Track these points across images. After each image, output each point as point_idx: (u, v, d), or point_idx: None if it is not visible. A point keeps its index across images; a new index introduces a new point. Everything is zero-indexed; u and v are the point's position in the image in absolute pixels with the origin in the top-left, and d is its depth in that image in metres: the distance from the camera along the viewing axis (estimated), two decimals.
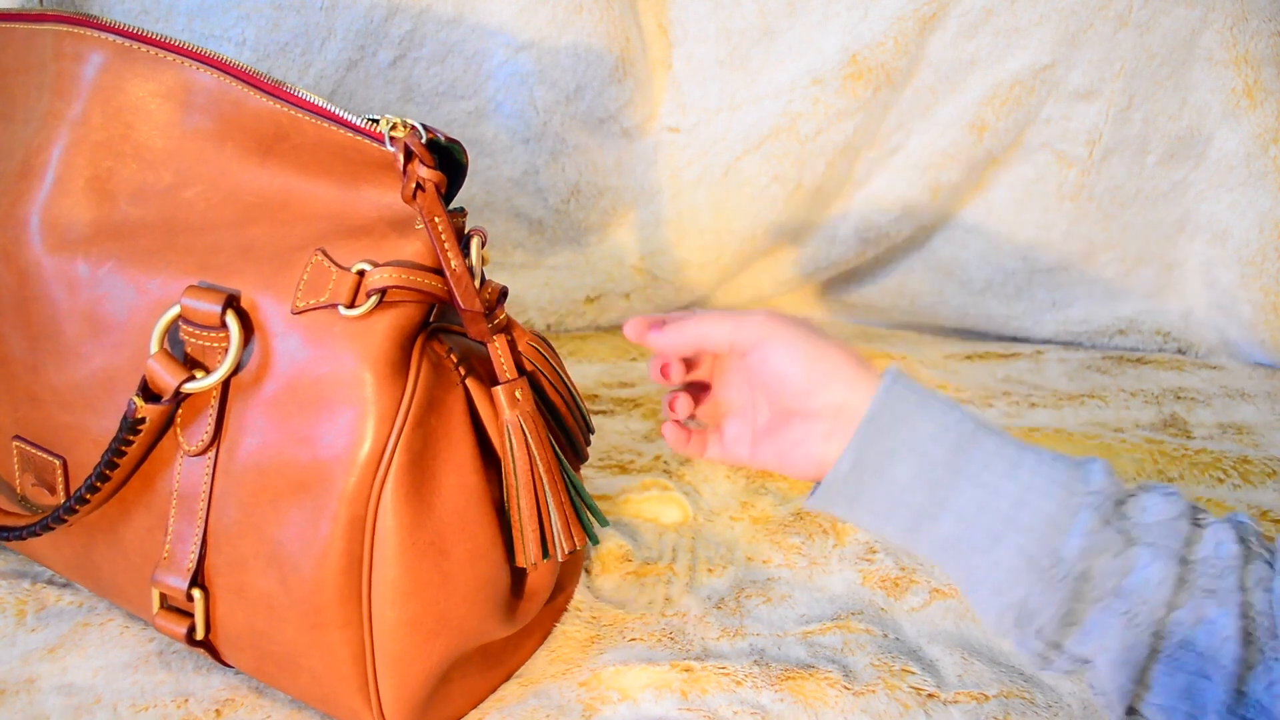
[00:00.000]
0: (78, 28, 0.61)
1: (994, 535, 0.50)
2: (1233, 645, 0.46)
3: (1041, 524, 0.49)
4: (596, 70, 0.93)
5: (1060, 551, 0.48)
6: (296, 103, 0.57)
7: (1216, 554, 0.47)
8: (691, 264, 1.03)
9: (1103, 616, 0.48)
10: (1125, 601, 0.48)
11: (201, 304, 0.55)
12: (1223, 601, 0.47)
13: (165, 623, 0.59)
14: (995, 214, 1.02)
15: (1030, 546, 0.49)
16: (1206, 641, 0.47)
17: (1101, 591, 0.48)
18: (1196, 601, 0.47)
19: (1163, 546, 0.48)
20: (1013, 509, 0.50)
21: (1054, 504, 0.49)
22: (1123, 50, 0.94)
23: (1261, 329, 1.00)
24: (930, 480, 0.51)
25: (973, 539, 0.51)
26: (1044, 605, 0.49)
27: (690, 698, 0.61)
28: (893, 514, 0.53)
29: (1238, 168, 0.97)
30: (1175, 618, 0.47)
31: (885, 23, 0.94)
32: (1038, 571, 0.49)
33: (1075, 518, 0.48)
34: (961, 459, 0.51)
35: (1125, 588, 0.48)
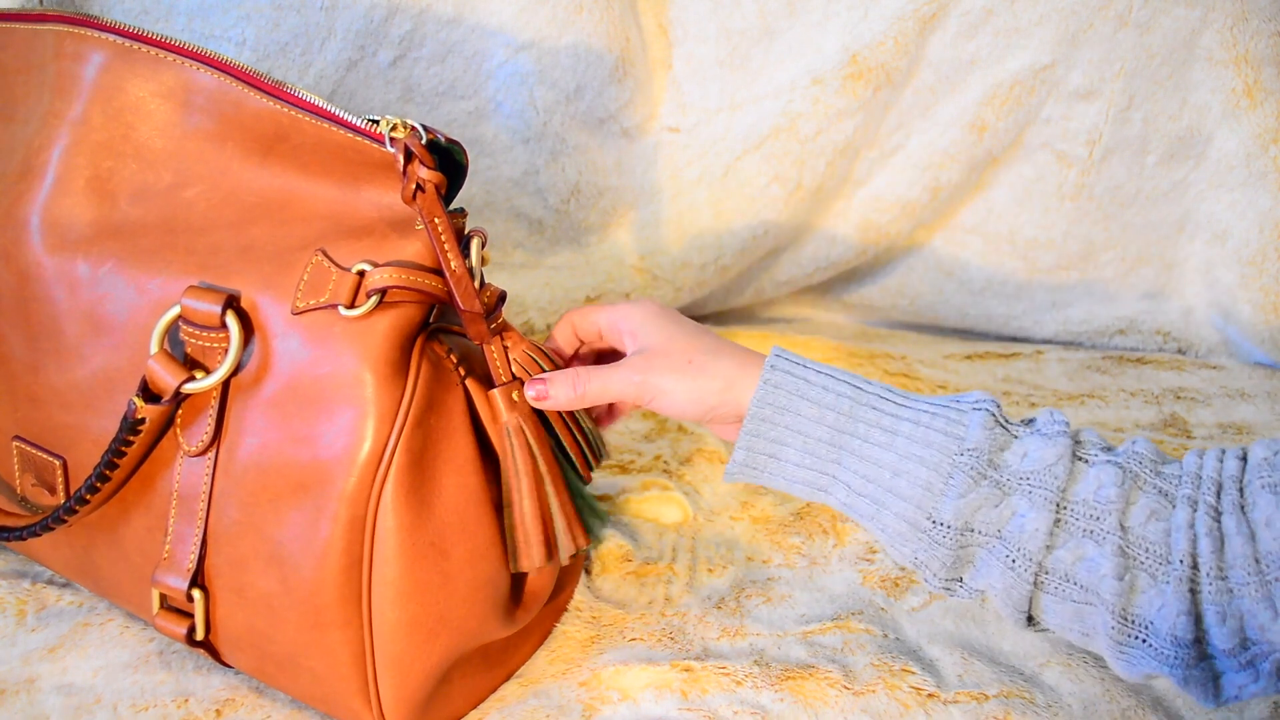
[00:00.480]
0: (78, 28, 0.61)
1: (877, 503, 0.55)
2: (1110, 580, 0.50)
3: (919, 490, 0.53)
4: (596, 70, 0.93)
5: (937, 514, 0.53)
6: (296, 103, 0.57)
7: (1096, 497, 0.51)
8: (691, 264, 1.03)
9: (987, 558, 0.53)
10: (1006, 546, 0.52)
11: (201, 304, 0.55)
12: (1100, 541, 0.50)
13: (165, 623, 0.59)
14: (995, 214, 1.02)
15: (908, 512, 0.54)
16: (1086, 577, 0.51)
17: (986, 537, 0.53)
18: (1076, 541, 0.51)
19: (1038, 494, 0.51)
20: (891, 478, 0.54)
21: (928, 469, 0.53)
22: (1123, 50, 0.94)
23: (1261, 329, 1.00)
24: (816, 458, 0.56)
25: (860, 508, 0.56)
26: (931, 559, 0.54)
27: (690, 697, 0.61)
28: (793, 488, 0.58)
29: (1238, 168, 0.97)
30: (1055, 557, 0.51)
31: (885, 23, 0.94)
32: (920, 532, 0.53)
33: (949, 480, 0.53)
34: (842, 436, 0.56)
35: (1006, 533, 0.52)
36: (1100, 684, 0.63)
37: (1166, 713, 0.62)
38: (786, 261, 1.06)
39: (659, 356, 0.59)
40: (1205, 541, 0.49)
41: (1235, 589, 0.48)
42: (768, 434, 0.57)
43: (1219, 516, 0.50)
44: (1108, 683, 0.63)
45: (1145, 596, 0.50)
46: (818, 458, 0.56)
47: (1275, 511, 0.48)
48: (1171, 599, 0.49)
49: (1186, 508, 0.50)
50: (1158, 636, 0.49)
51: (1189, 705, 0.62)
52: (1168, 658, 0.49)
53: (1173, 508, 0.50)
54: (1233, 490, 0.50)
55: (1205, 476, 0.51)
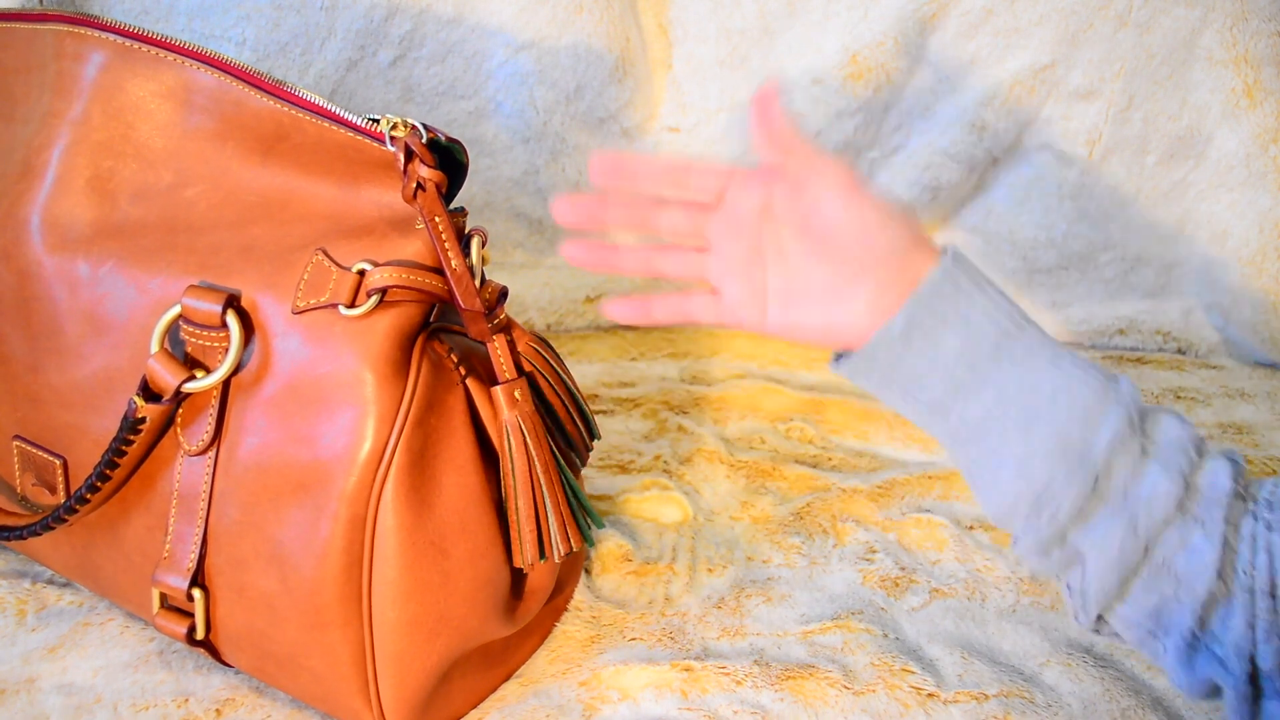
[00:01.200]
0: (79, 27, 0.61)
1: (1032, 415, 0.51)
2: (1209, 574, 0.48)
3: (1080, 412, 0.50)
4: (596, 70, 0.93)
5: (1091, 441, 0.50)
6: (297, 102, 0.57)
7: (1212, 486, 0.49)
8: None
9: (1109, 517, 0.50)
10: (1131, 508, 0.49)
11: (202, 304, 0.55)
12: (1209, 532, 0.49)
13: (165, 622, 0.59)
14: (995, 214, 1.02)
15: (1068, 430, 0.50)
16: (1185, 566, 0.49)
17: (1113, 493, 0.50)
18: (1187, 526, 0.49)
19: (1173, 465, 0.49)
20: (1053, 394, 0.51)
21: (1091, 397, 0.50)
22: (1123, 50, 0.94)
23: (1261, 329, 1.00)
24: (977, 354, 0.52)
25: (1010, 417, 0.51)
26: (1065, 491, 0.50)
27: (690, 697, 0.61)
28: (927, 385, 0.53)
29: (1237, 168, 0.97)
30: (1166, 535, 0.49)
31: (885, 23, 0.94)
32: (1069, 457, 0.50)
33: (1107, 414, 0.50)
34: (1009, 340, 0.52)
35: (1134, 495, 0.49)
36: (1100, 684, 0.63)
37: (1166, 712, 0.62)
38: None
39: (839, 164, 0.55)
40: (1262, 556, 0.48)
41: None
42: (937, 308, 0.52)
43: (1271, 531, 0.48)
44: (1108, 682, 0.63)
45: (1219, 605, 0.48)
46: (978, 354, 0.52)
47: None
48: (1239, 609, 0.48)
49: (1251, 520, 0.49)
50: (1222, 645, 0.48)
51: (1189, 705, 0.62)
52: (1232, 668, 0.48)
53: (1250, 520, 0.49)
54: None
55: (1266, 497, 0.50)
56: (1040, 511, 0.51)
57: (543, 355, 0.59)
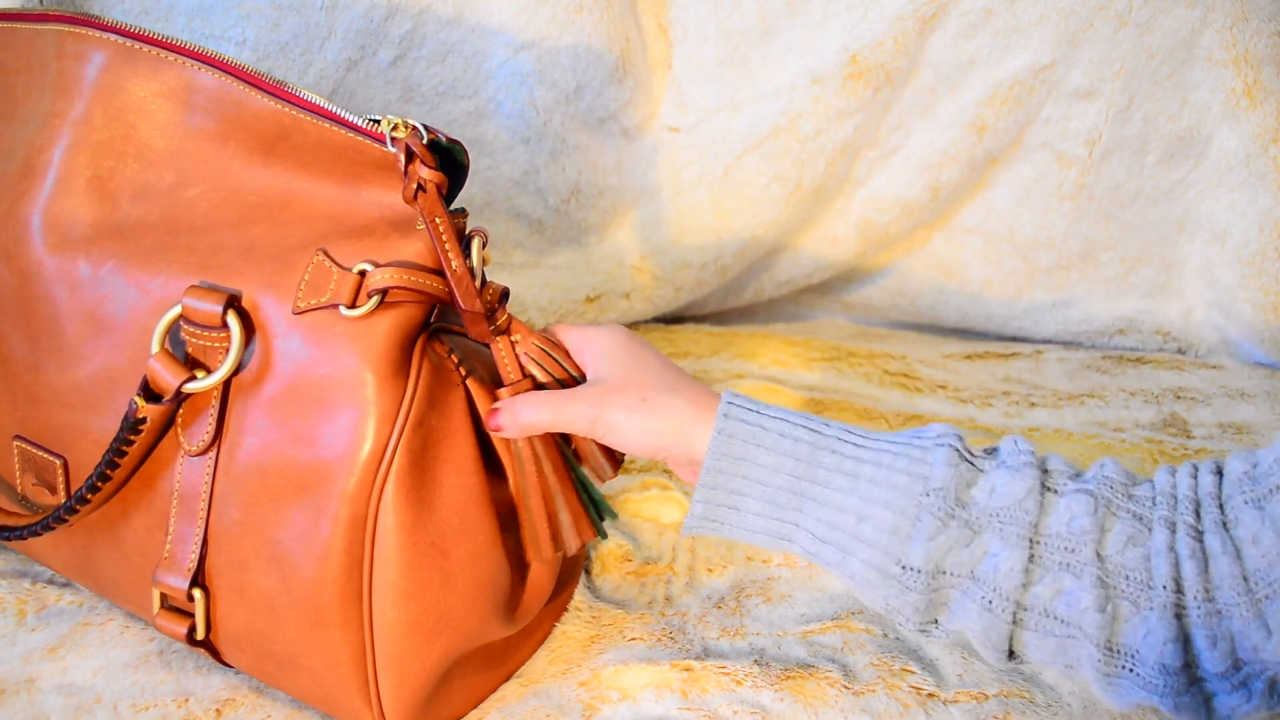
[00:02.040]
0: (80, 28, 0.61)
1: (843, 550, 0.52)
2: (1092, 613, 0.48)
3: (885, 536, 0.51)
4: (596, 70, 0.93)
5: (906, 559, 0.51)
6: (298, 103, 0.57)
7: (1069, 529, 0.49)
8: (691, 264, 1.03)
9: (963, 600, 0.51)
10: (981, 587, 0.50)
11: (203, 304, 0.55)
12: (1078, 574, 0.49)
13: (166, 623, 0.59)
14: (995, 214, 1.02)
15: (876, 559, 0.51)
16: (1067, 611, 0.49)
17: (959, 578, 0.51)
18: (1053, 576, 0.49)
19: (1010, 531, 0.50)
20: (856, 524, 0.52)
21: (894, 513, 0.51)
22: (1123, 50, 0.94)
23: (1261, 329, 1.00)
24: (778, 507, 0.54)
25: (826, 556, 0.53)
26: (903, 604, 0.51)
27: (690, 697, 0.61)
28: (754, 538, 0.55)
29: (1238, 168, 0.97)
30: (1033, 594, 0.50)
31: (885, 23, 0.94)
32: (889, 579, 0.51)
33: (916, 524, 0.50)
34: (803, 484, 0.53)
35: (980, 574, 0.50)
36: None
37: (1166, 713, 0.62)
38: (786, 261, 1.06)
39: (613, 391, 0.56)
40: (1189, 564, 0.47)
41: (1224, 610, 0.47)
42: (726, 484, 0.54)
43: (1201, 536, 0.48)
44: None
45: (1129, 625, 0.48)
46: (779, 505, 0.54)
47: (1261, 527, 0.47)
48: (1157, 626, 0.47)
49: (1164, 530, 0.48)
50: (1145, 665, 0.48)
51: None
52: (1156, 686, 0.48)
53: (1149, 532, 0.49)
54: (1212, 508, 0.49)
55: (1181, 496, 0.49)
56: (896, 616, 0.52)
57: (549, 354, 0.58)
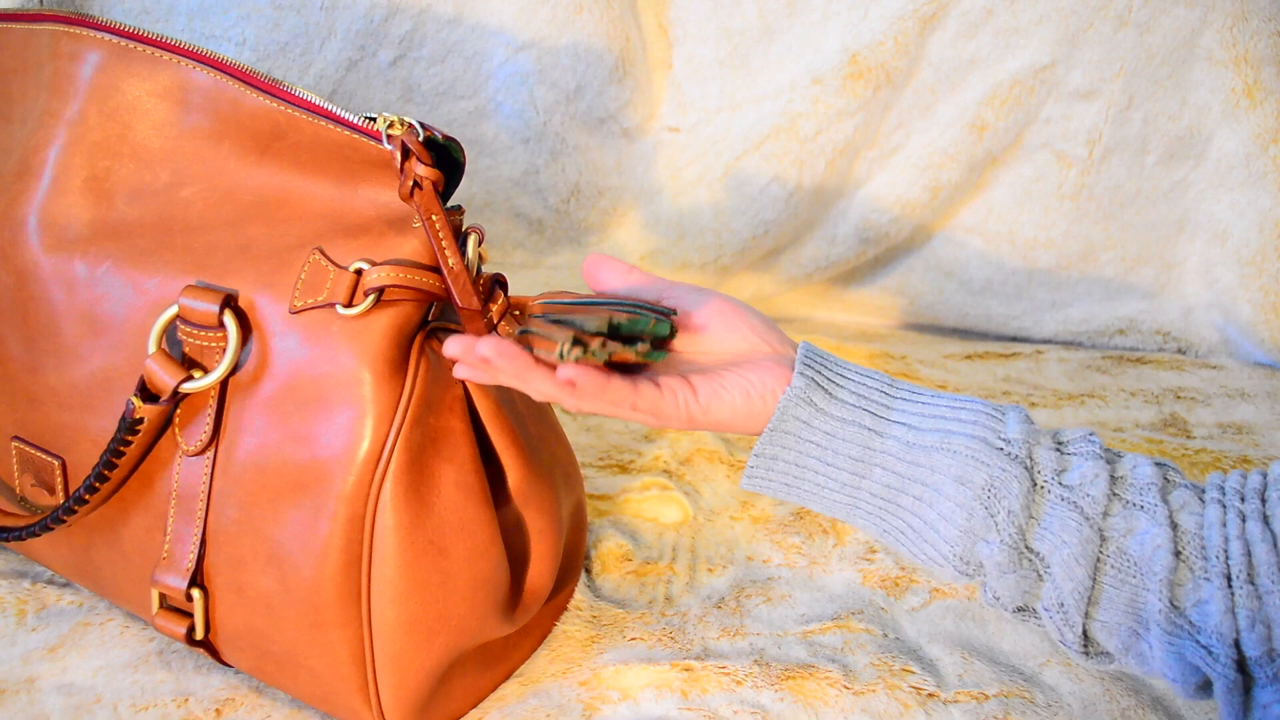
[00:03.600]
0: (75, 27, 0.61)
1: (943, 432, 0.51)
2: (1164, 554, 0.48)
3: (983, 418, 0.52)
4: (596, 70, 0.93)
5: (1005, 433, 0.51)
6: (294, 101, 0.57)
7: (1134, 474, 0.50)
8: (691, 264, 1.03)
9: (1055, 508, 0.50)
10: (1071, 494, 0.50)
11: (199, 303, 0.55)
12: (1151, 514, 0.49)
13: (165, 623, 0.59)
14: (995, 214, 1.02)
15: (979, 431, 0.51)
16: (1139, 551, 0.49)
17: (1047, 481, 0.50)
18: (1128, 512, 0.49)
19: (1090, 454, 0.50)
20: (952, 412, 0.52)
21: (985, 409, 0.52)
22: (1123, 50, 0.94)
23: (1261, 329, 1.00)
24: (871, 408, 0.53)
25: (925, 440, 0.51)
26: (1007, 481, 0.50)
27: (690, 697, 0.61)
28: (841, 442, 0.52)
29: (1238, 168, 0.97)
30: (1110, 524, 0.49)
31: (885, 23, 0.94)
32: (993, 449, 0.51)
33: (1005, 417, 0.52)
34: (892, 392, 0.53)
35: (1068, 482, 0.50)
36: (1100, 684, 0.63)
37: (1166, 713, 0.61)
38: (786, 261, 1.06)
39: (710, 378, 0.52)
40: (1236, 544, 0.48)
41: (1263, 596, 0.47)
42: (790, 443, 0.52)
43: (1244, 520, 0.49)
44: (1108, 682, 0.63)
45: (1185, 590, 0.48)
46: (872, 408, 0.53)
47: None
48: (1215, 595, 0.47)
49: (1216, 506, 0.49)
50: (1204, 633, 0.48)
51: (1188, 705, 0.62)
52: (1217, 656, 0.47)
53: (1203, 505, 0.49)
54: (1255, 500, 0.49)
55: (1229, 486, 0.50)
56: (996, 510, 0.50)
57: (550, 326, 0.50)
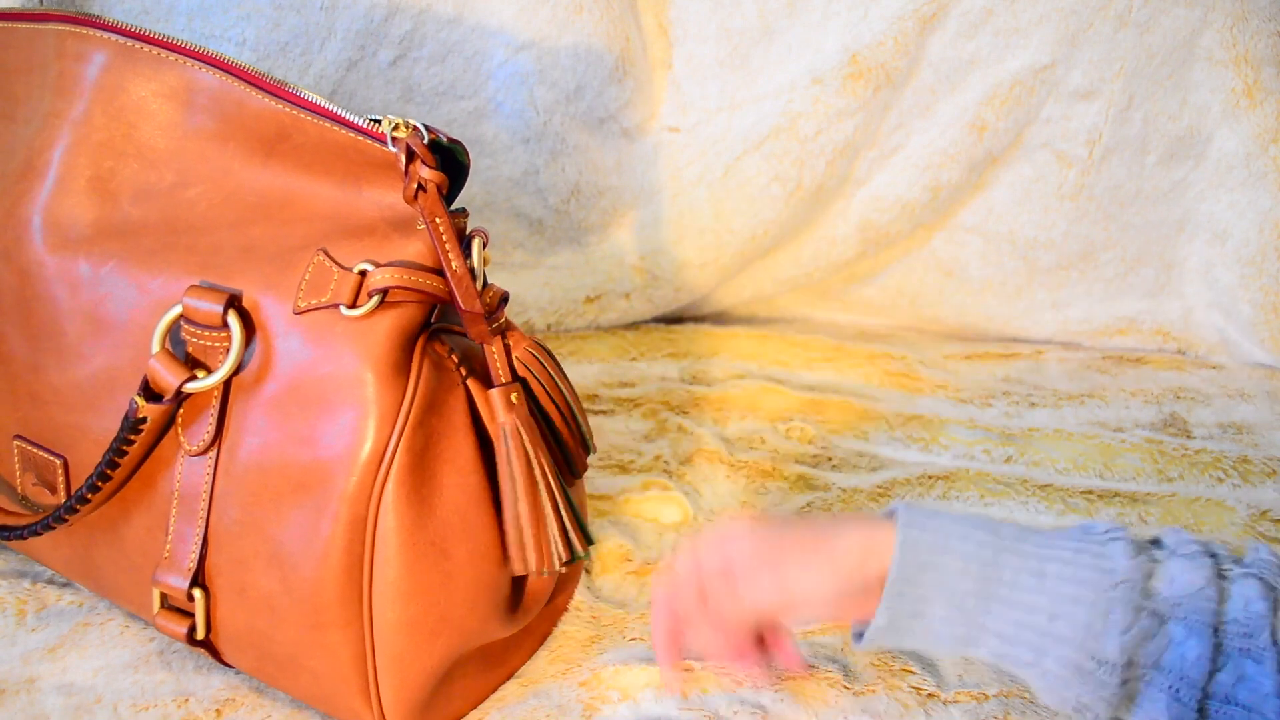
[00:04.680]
0: (80, 27, 0.61)
1: (1037, 650, 0.52)
2: (1274, 699, 0.48)
3: (1079, 632, 0.51)
4: (596, 70, 0.93)
5: (1101, 654, 0.50)
6: (298, 103, 0.57)
7: (1246, 613, 0.50)
8: (691, 264, 1.03)
9: (1149, 691, 0.50)
10: (1167, 677, 0.50)
11: (203, 304, 0.55)
12: (1259, 659, 0.49)
13: (166, 623, 0.59)
14: (995, 214, 1.02)
15: (1071, 656, 0.51)
16: (1249, 697, 0.49)
17: (1147, 669, 0.50)
18: (1234, 662, 0.49)
19: (1195, 620, 0.50)
20: (1048, 622, 0.51)
21: (1086, 608, 0.51)
22: (1123, 50, 0.94)
23: (1261, 329, 1.00)
24: (964, 611, 0.53)
25: (1017, 655, 0.52)
26: (1096, 700, 0.51)
27: (690, 697, 0.61)
28: (940, 645, 0.54)
29: (1238, 168, 0.97)
30: (1217, 680, 0.50)
31: (885, 23, 0.94)
32: (1084, 675, 0.51)
33: (1109, 618, 0.50)
34: (990, 586, 0.52)
35: (1165, 663, 0.50)
36: None
37: None
38: (786, 261, 1.06)
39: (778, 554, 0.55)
40: None
41: None
42: (911, 593, 0.53)
43: None
44: None
45: None
46: (965, 610, 0.52)
47: None
48: None
49: None
50: None
51: None
52: None
53: None
54: None
55: None
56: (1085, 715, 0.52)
57: (539, 361, 0.58)
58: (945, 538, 0.53)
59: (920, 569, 0.53)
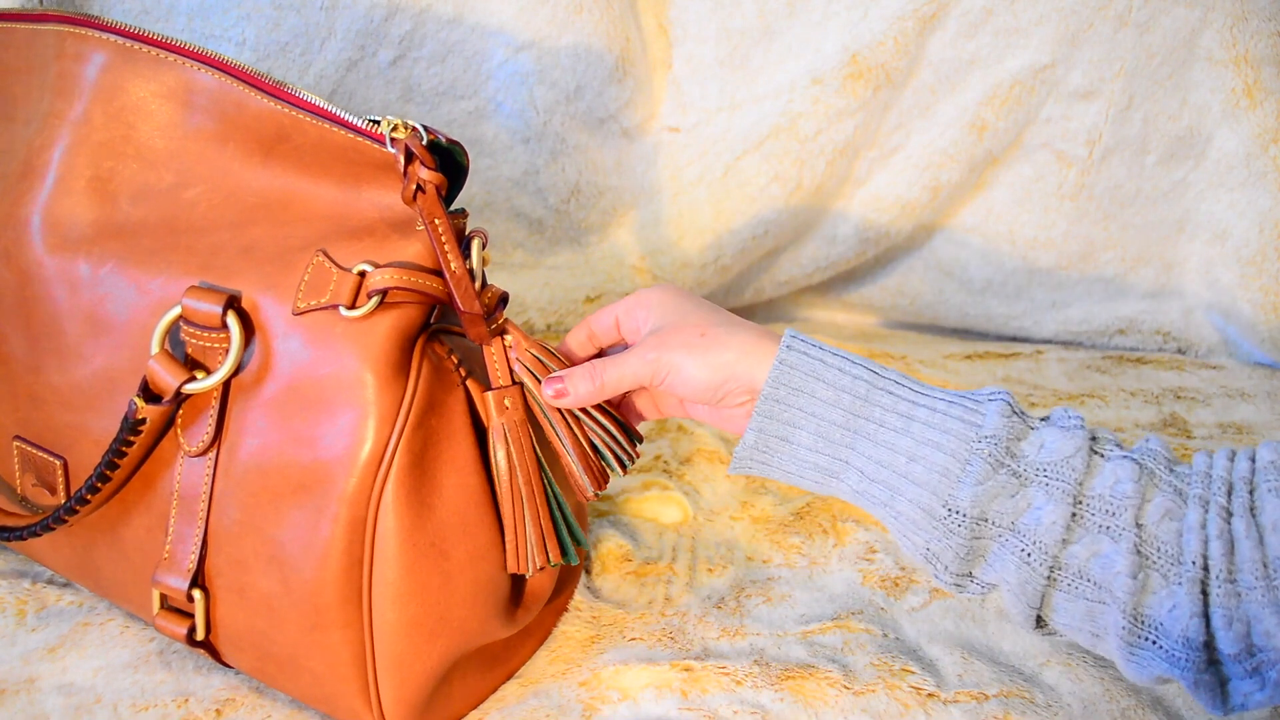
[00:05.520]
0: (80, 28, 0.61)
1: (891, 489, 0.53)
2: (1123, 578, 0.49)
3: (935, 476, 0.52)
4: (596, 70, 0.93)
5: (953, 502, 0.51)
6: (298, 103, 0.57)
7: (1112, 492, 0.50)
8: (691, 264, 1.03)
9: (1000, 551, 0.52)
10: (1020, 539, 0.51)
11: (202, 304, 0.55)
12: (1115, 537, 0.50)
13: (165, 623, 0.59)
14: (995, 214, 1.02)
15: (924, 499, 0.52)
16: (1100, 574, 0.50)
17: (1000, 529, 0.51)
18: (1091, 537, 0.50)
19: (1056, 486, 0.50)
20: (907, 464, 0.53)
21: (945, 455, 0.52)
22: (1123, 50, 0.94)
23: (1261, 329, 1.00)
24: (830, 442, 0.55)
25: (874, 494, 0.54)
26: (944, 549, 0.52)
27: (690, 697, 0.61)
28: (802, 474, 0.56)
29: (1237, 168, 0.97)
30: (1070, 552, 0.50)
31: (885, 23, 0.94)
32: (935, 520, 0.52)
33: (966, 467, 0.51)
34: (858, 420, 0.54)
35: (1020, 526, 0.51)
36: (1100, 684, 0.63)
37: (1166, 713, 0.62)
38: (786, 261, 1.06)
39: (672, 332, 0.57)
40: (1216, 544, 0.48)
41: (1243, 593, 0.47)
42: (781, 415, 0.55)
43: (1229, 518, 0.49)
44: (1108, 682, 0.64)
45: (1157, 597, 0.49)
46: (831, 441, 0.54)
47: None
48: (1184, 600, 0.48)
49: (1199, 508, 0.49)
50: (1169, 638, 0.48)
51: (1189, 705, 0.62)
52: (1179, 660, 0.48)
53: (1185, 507, 0.50)
54: (1243, 492, 0.49)
55: (1216, 476, 0.50)
56: (934, 564, 0.53)
57: (541, 362, 0.58)
58: (823, 366, 0.55)
59: (793, 391, 0.54)
